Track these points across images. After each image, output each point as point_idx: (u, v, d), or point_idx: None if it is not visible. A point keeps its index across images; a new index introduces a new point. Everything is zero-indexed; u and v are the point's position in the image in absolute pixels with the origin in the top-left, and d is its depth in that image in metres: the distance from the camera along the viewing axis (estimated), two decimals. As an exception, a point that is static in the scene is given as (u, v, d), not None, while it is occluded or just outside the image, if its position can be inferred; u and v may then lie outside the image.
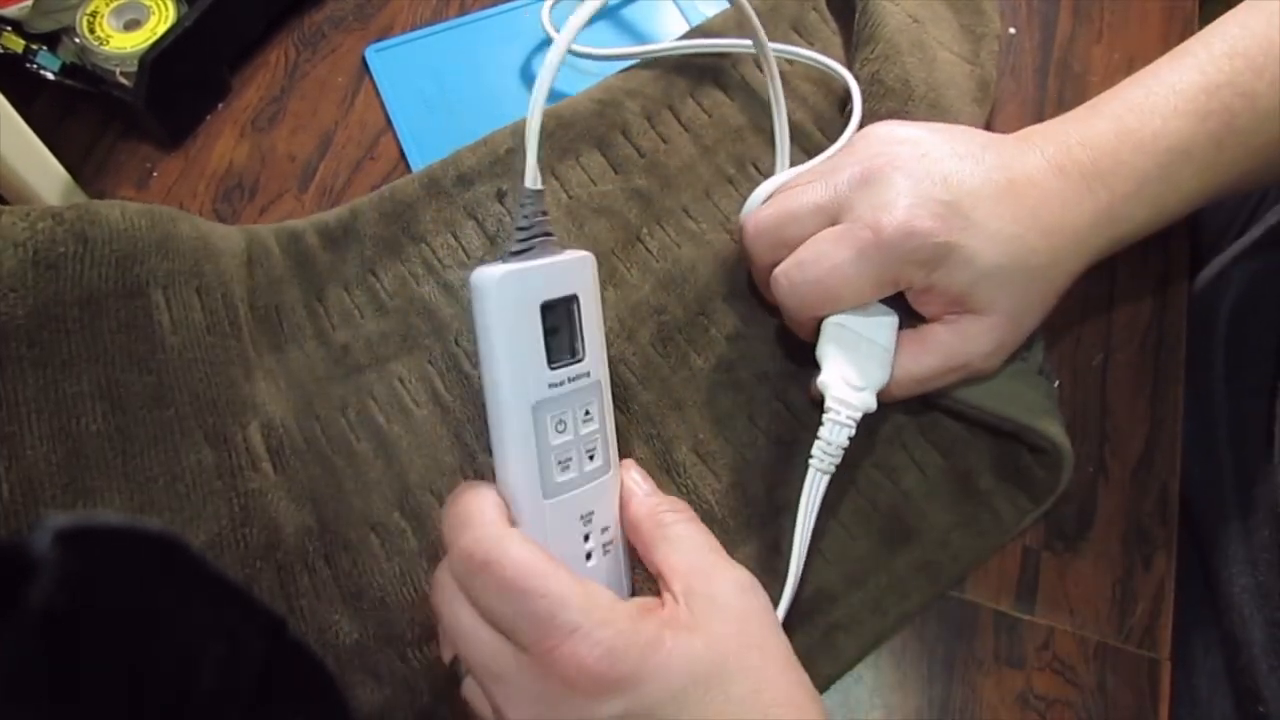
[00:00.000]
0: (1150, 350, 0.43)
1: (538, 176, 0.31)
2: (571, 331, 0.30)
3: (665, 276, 0.42)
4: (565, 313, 0.30)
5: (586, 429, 0.31)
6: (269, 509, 0.35)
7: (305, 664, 0.27)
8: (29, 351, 0.33)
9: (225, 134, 0.48)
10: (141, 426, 0.35)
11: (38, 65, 0.45)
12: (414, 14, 0.52)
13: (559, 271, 0.30)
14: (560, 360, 0.30)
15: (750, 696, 0.28)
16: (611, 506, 0.32)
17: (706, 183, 0.45)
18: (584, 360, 0.30)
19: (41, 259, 0.34)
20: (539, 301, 0.29)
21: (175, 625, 0.20)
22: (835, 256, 0.34)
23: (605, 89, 0.46)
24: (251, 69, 0.50)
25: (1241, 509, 0.40)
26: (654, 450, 0.38)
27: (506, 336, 0.29)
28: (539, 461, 0.30)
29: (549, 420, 0.30)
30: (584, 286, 0.31)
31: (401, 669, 0.34)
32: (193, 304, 0.37)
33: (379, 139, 0.48)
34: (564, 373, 0.30)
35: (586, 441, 0.31)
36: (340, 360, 0.40)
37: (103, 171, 0.46)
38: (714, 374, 0.40)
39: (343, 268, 0.42)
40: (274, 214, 0.45)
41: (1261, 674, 0.37)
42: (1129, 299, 0.45)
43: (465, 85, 0.49)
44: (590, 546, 0.32)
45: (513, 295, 0.29)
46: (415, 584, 0.36)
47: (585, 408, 0.31)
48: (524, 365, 0.29)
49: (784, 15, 0.49)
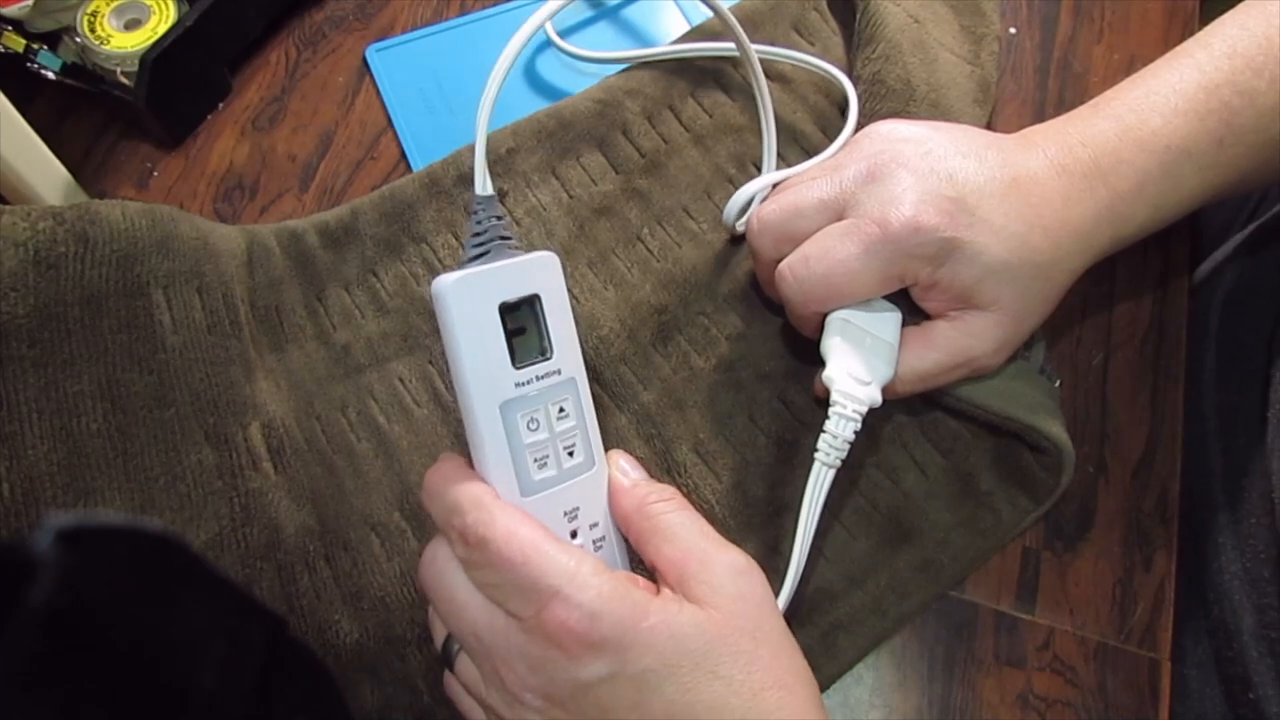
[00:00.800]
0: (1150, 350, 0.43)
1: (488, 182, 0.32)
2: (539, 330, 0.31)
3: (666, 276, 0.42)
4: (530, 313, 0.31)
5: (563, 425, 0.31)
6: (269, 509, 0.35)
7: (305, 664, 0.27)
8: (30, 351, 0.33)
9: (225, 134, 0.48)
10: (142, 426, 0.35)
11: (38, 65, 0.45)
12: (414, 14, 0.52)
13: (516, 272, 0.30)
14: (527, 360, 0.30)
15: (741, 677, 0.28)
16: (600, 502, 0.32)
17: (707, 182, 0.45)
18: (553, 358, 0.31)
19: (43, 259, 0.34)
20: (497, 303, 0.30)
21: (175, 625, 0.20)
22: (841, 251, 0.34)
23: (606, 89, 0.46)
24: (252, 69, 0.50)
25: (1231, 497, 0.40)
26: (655, 450, 0.39)
27: (467, 340, 0.29)
28: (513, 460, 0.30)
29: (520, 419, 0.30)
30: (546, 286, 0.31)
31: (401, 669, 0.34)
32: (193, 304, 0.37)
33: (379, 139, 0.48)
34: (531, 371, 0.30)
35: (564, 438, 0.31)
36: (341, 360, 0.40)
37: (103, 171, 0.46)
38: (715, 374, 0.40)
39: (343, 267, 0.42)
40: (274, 214, 0.45)
41: (1251, 661, 0.37)
42: (1129, 299, 0.45)
43: (466, 85, 0.49)
44: (579, 543, 0.32)
45: (469, 299, 0.29)
46: (415, 584, 0.36)
47: (559, 405, 0.31)
48: (487, 366, 0.29)
49: (785, 15, 0.49)
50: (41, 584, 0.15)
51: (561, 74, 0.50)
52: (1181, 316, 0.44)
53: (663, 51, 0.47)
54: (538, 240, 0.43)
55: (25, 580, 0.15)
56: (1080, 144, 0.35)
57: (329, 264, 0.42)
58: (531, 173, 0.44)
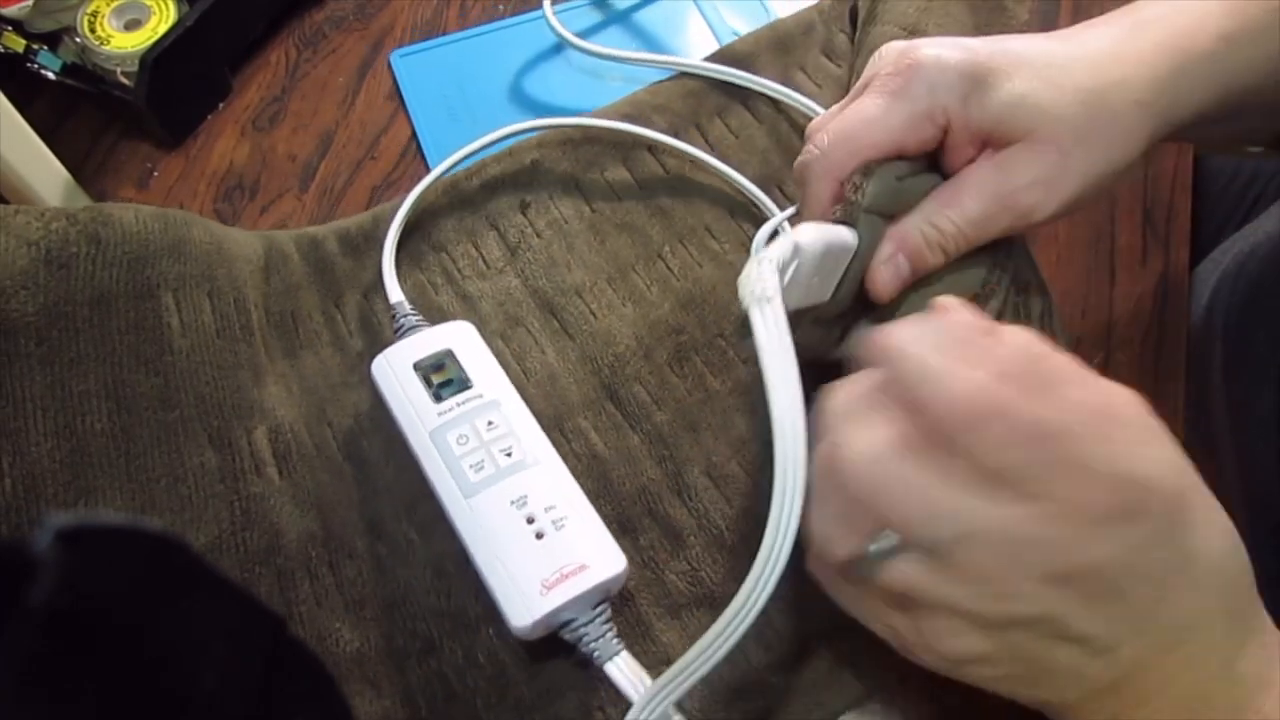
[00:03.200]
0: (1150, 350, 0.43)
1: (396, 289, 0.40)
2: (459, 373, 0.36)
3: (685, 296, 0.42)
4: (448, 362, 0.36)
5: (492, 434, 0.35)
6: (270, 514, 0.35)
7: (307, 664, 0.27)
8: (38, 349, 0.33)
9: (226, 134, 0.48)
10: (146, 427, 0.35)
11: (38, 65, 0.45)
12: (414, 14, 0.52)
13: (427, 338, 0.37)
14: (448, 395, 0.36)
15: None
16: (552, 487, 0.34)
17: (731, 203, 0.44)
18: (473, 388, 0.36)
19: (54, 258, 0.34)
20: (411, 362, 0.36)
21: (176, 625, 0.20)
22: (869, 99, 0.32)
23: (633, 103, 0.46)
24: (252, 69, 0.50)
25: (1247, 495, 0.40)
26: (666, 472, 0.38)
27: (394, 395, 0.36)
28: (449, 469, 0.34)
29: (450, 438, 0.34)
30: (459, 342, 0.37)
31: (400, 681, 0.34)
32: (203, 307, 0.37)
33: (379, 139, 0.48)
34: (452, 401, 0.35)
35: (497, 444, 0.35)
36: (356, 367, 0.40)
37: (103, 171, 0.46)
38: (730, 397, 0.40)
39: (362, 275, 0.42)
40: (274, 214, 0.45)
41: None
42: (1129, 299, 0.45)
43: (489, 92, 0.49)
44: (538, 527, 0.33)
45: (389, 366, 0.36)
46: (420, 596, 0.35)
47: (487, 419, 0.35)
48: (414, 408, 0.35)
49: (815, 40, 0.49)
50: (41, 584, 0.15)
51: (588, 85, 0.50)
52: (1182, 316, 0.44)
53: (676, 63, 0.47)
54: (557, 252, 0.43)
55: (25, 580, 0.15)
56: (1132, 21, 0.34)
57: (348, 271, 0.42)
58: (555, 184, 0.44)
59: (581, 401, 0.39)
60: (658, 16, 0.52)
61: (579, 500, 0.34)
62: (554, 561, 0.32)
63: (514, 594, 0.32)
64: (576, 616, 0.32)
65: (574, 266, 0.42)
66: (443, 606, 0.35)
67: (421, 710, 0.33)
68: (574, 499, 0.34)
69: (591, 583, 0.32)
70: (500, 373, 0.37)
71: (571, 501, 0.34)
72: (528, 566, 0.32)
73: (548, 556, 0.32)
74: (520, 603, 0.31)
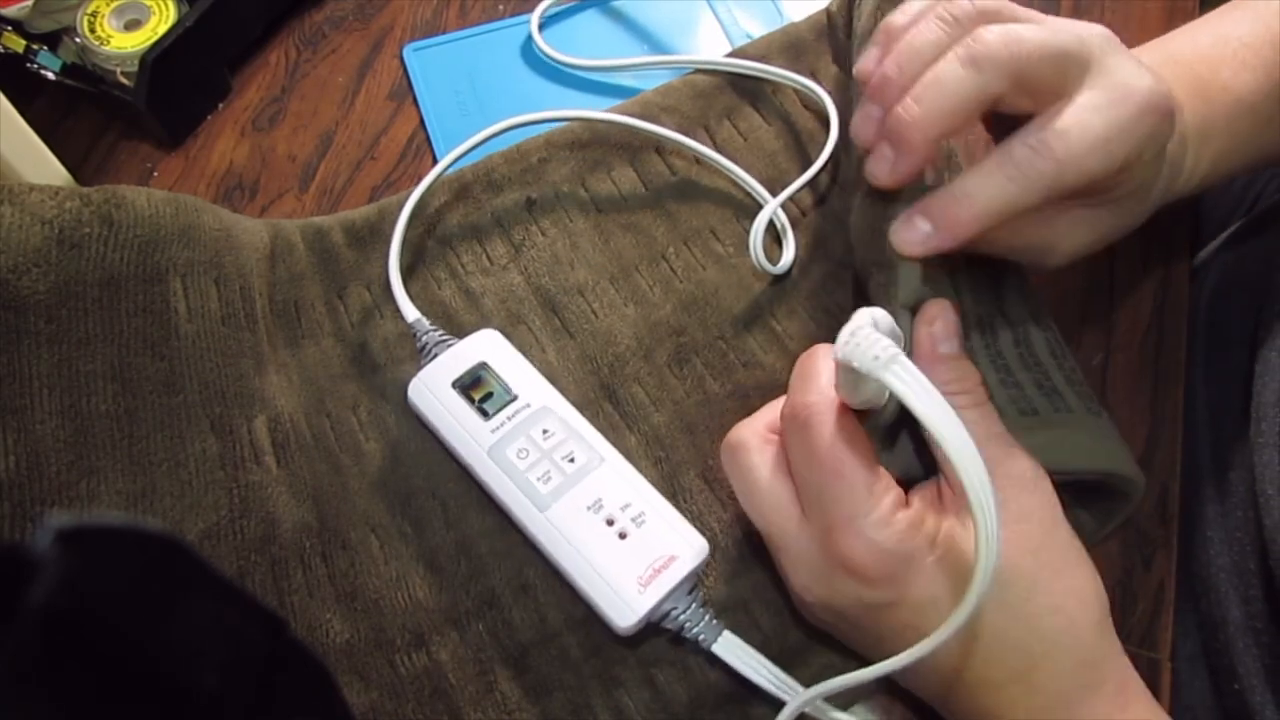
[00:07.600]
0: (1150, 350, 0.43)
1: (411, 309, 0.39)
2: (499, 385, 0.37)
3: (687, 297, 0.42)
4: (486, 376, 0.37)
5: (551, 443, 0.35)
6: (267, 503, 0.35)
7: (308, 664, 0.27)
8: (46, 327, 0.33)
9: (225, 134, 0.48)
10: (149, 410, 0.35)
11: (38, 65, 0.45)
12: (414, 14, 0.52)
13: (458, 355, 0.37)
14: (496, 409, 0.36)
15: (1020, 603, 0.28)
16: (625, 485, 0.35)
17: (736, 206, 0.44)
18: (519, 399, 0.36)
19: (66, 237, 0.34)
20: (449, 382, 0.36)
21: (177, 625, 0.20)
22: (944, 65, 0.30)
23: (642, 104, 0.46)
24: (252, 69, 0.50)
25: (1219, 491, 0.40)
26: (661, 473, 0.38)
27: (441, 420, 0.36)
28: (519, 487, 0.34)
29: (510, 454, 0.35)
30: (490, 353, 0.37)
31: (389, 674, 0.34)
32: (210, 294, 0.37)
33: (379, 139, 0.48)
34: (502, 416, 0.36)
35: (558, 451, 0.35)
36: (356, 359, 0.40)
37: (103, 171, 0.46)
38: (729, 400, 0.40)
39: (366, 267, 0.42)
40: (274, 214, 0.45)
41: (1237, 652, 0.37)
42: (1129, 299, 0.45)
43: (500, 88, 0.49)
44: (619, 528, 0.34)
45: (428, 390, 0.36)
46: (411, 589, 0.35)
47: (541, 428, 0.36)
48: (465, 429, 0.36)
49: (827, 43, 0.49)
50: (41, 584, 0.15)
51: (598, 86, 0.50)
52: (1181, 317, 0.44)
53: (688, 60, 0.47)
54: (561, 251, 0.43)
55: (25, 580, 0.15)
56: None
57: (352, 262, 0.42)
58: (561, 183, 0.44)
59: (579, 401, 0.39)
60: (670, 19, 0.52)
61: (649, 492, 0.35)
62: (644, 558, 0.33)
63: (612, 596, 0.32)
64: (675, 606, 0.33)
65: (577, 265, 0.42)
66: (433, 601, 0.35)
67: (408, 704, 0.34)
68: (645, 492, 0.35)
69: (684, 572, 0.33)
70: (537, 376, 0.37)
71: (643, 495, 0.35)
72: (619, 567, 0.33)
73: (636, 555, 0.33)
74: (620, 604, 0.32)
